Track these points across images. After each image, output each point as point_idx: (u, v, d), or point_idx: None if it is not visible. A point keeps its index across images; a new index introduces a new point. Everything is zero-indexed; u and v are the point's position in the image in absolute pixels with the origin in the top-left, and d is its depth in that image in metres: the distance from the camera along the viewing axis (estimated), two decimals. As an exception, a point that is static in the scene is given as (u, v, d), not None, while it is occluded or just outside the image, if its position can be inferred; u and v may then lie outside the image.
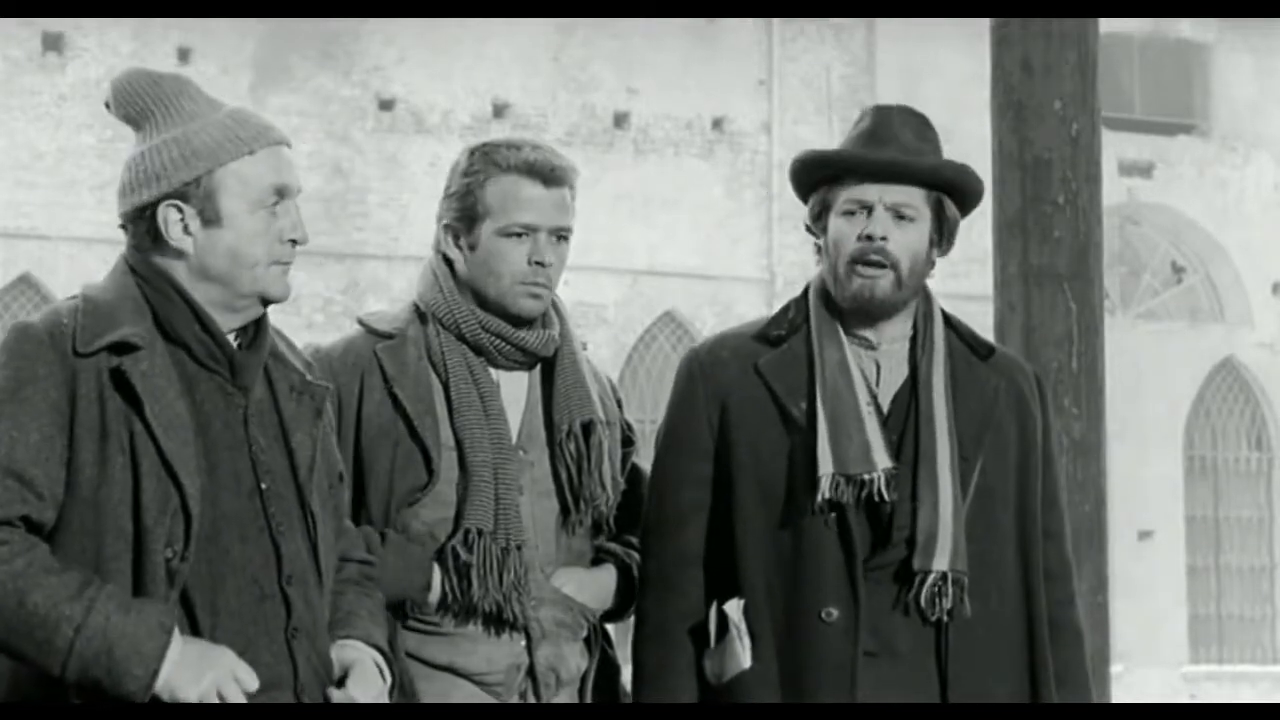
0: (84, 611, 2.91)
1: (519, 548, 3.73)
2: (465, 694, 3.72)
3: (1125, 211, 26.48)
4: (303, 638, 3.11)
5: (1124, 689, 22.97)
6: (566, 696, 3.81)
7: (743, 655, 3.59)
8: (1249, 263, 27.25)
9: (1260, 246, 27.12)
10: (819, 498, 3.55)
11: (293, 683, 3.09)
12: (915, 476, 3.59)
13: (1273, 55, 27.35)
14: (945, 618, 3.57)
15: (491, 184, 3.81)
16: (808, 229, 3.76)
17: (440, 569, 3.72)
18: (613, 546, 3.90)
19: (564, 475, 3.82)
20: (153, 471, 3.00)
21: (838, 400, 3.59)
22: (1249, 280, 27.27)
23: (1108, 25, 7.43)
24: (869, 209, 3.63)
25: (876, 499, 3.55)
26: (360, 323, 3.90)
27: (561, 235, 3.86)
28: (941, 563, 3.55)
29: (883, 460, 3.56)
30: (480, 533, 3.70)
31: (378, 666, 3.24)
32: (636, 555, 3.90)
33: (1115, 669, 6.41)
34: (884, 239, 3.61)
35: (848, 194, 3.65)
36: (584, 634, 3.84)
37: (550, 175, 3.83)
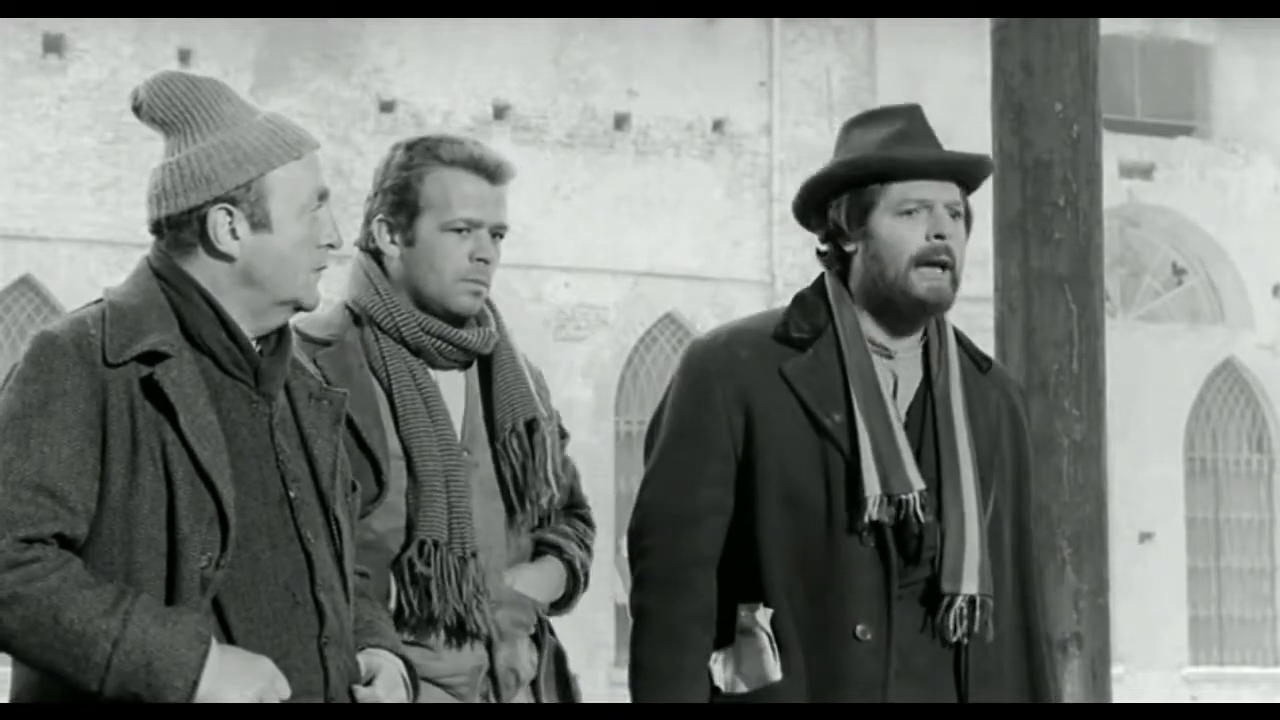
0: (120, 625, 2.88)
1: (475, 555, 3.67)
2: (432, 698, 3.67)
3: (1126, 213, 26.47)
4: (334, 645, 3.09)
5: (1125, 691, 22.96)
6: (524, 695, 3.79)
7: (773, 667, 3.53)
8: (1250, 264, 27.24)
9: (1261, 248, 27.10)
10: (865, 518, 3.48)
11: (323, 690, 3.07)
12: (940, 496, 3.55)
13: (1273, 57, 27.34)
14: (965, 639, 3.55)
15: (432, 178, 3.74)
16: (832, 233, 3.65)
17: (396, 581, 3.67)
18: (552, 538, 3.86)
19: (508, 475, 3.77)
20: (187, 480, 2.98)
21: (875, 417, 3.53)
22: (1250, 282, 27.25)
23: (1108, 27, 7.43)
24: (930, 207, 3.58)
25: (913, 519, 3.50)
26: (294, 330, 3.82)
27: (499, 233, 3.79)
28: (971, 586, 3.52)
29: (918, 481, 3.51)
30: (436, 544, 3.65)
31: (402, 678, 3.24)
32: (574, 545, 3.88)
33: (1116, 671, 6.41)
34: (948, 238, 3.57)
35: (904, 193, 3.57)
36: (534, 630, 3.82)
37: (495, 171, 3.76)
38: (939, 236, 3.56)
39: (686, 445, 3.61)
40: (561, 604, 3.87)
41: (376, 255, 3.81)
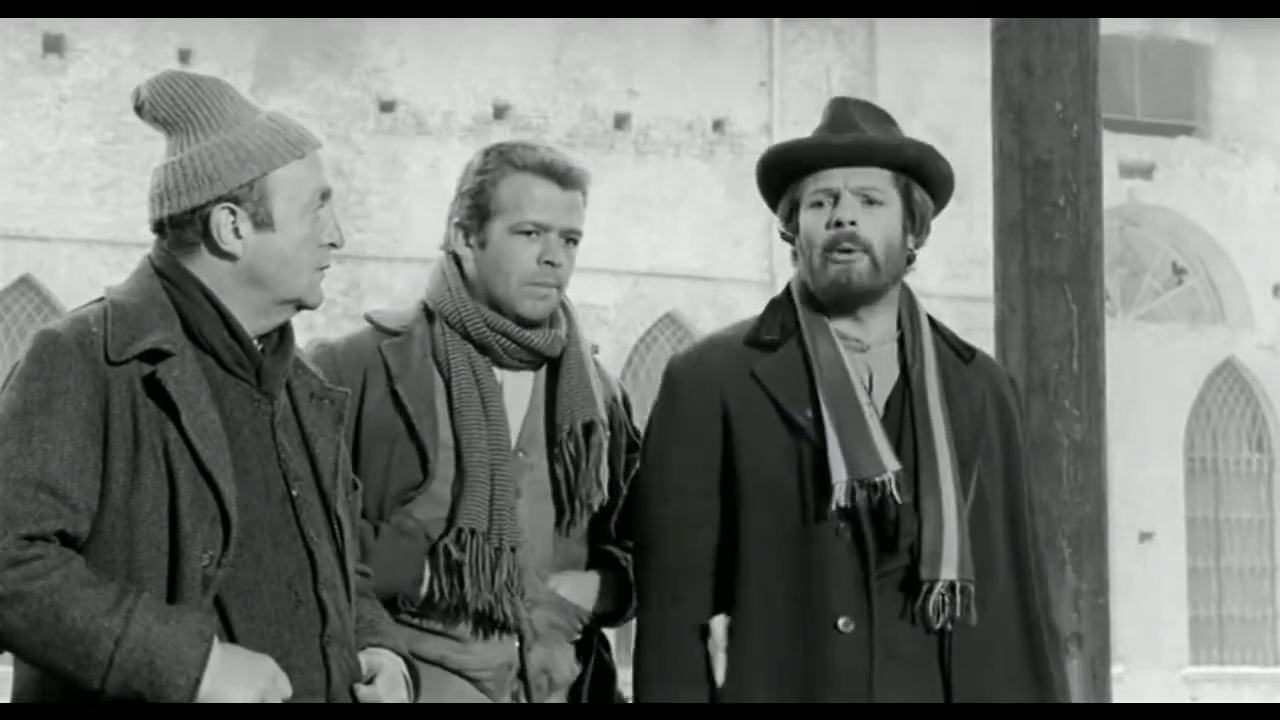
0: (123, 623, 2.88)
1: (513, 549, 3.72)
2: (457, 690, 3.70)
3: (1126, 213, 26.47)
4: (336, 644, 3.10)
5: (1125, 690, 22.97)
6: (560, 700, 3.80)
7: (716, 673, 3.57)
8: (1250, 264, 27.25)
9: (1261, 248, 27.12)
10: (833, 505, 3.50)
11: (325, 689, 3.07)
12: (917, 483, 3.56)
13: (1273, 57, 27.35)
14: (949, 625, 3.56)
15: (505, 182, 3.82)
16: (782, 235, 3.74)
17: (431, 567, 3.71)
18: (611, 550, 3.89)
19: (561, 475, 3.81)
20: (189, 478, 2.98)
21: (840, 403, 3.55)
22: (1250, 282, 27.26)
23: (1108, 26, 7.44)
24: (836, 196, 3.62)
25: (889, 501, 3.51)
26: (368, 319, 3.90)
27: (571, 238, 3.86)
28: (950, 571, 3.53)
29: (891, 462, 3.52)
30: (473, 532, 3.70)
31: (403, 677, 3.24)
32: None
33: (1116, 670, 6.42)
34: (853, 223, 3.59)
35: (814, 185, 3.64)
36: (578, 637, 3.84)
37: (565, 176, 3.83)
38: (838, 224, 3.60)
39: (676, 456, 3.66)
40: (613, 617, 3.89)
41: (456, 258, 3.87)
